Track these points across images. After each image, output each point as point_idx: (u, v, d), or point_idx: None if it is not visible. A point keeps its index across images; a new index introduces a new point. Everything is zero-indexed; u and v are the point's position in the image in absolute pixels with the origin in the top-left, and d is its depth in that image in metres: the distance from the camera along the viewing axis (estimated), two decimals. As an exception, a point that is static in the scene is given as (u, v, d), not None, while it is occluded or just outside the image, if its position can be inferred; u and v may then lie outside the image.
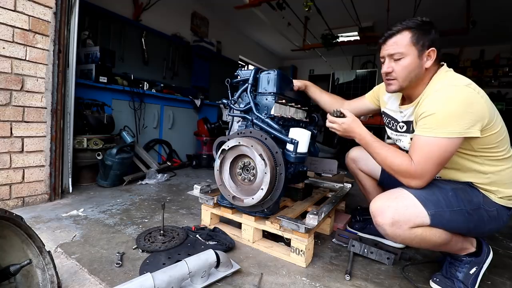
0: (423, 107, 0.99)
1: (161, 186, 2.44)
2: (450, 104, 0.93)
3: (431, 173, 0.97)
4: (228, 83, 1.48)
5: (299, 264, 1.21)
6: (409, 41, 1.01)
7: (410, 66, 1.03)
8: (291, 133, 1.29)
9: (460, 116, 0.91)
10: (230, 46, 5.53)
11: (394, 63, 1.05)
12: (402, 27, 1.03)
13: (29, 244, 0.84)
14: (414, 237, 0.97)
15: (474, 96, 0.94)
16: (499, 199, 1.02)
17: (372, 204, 1.03)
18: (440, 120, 0.93)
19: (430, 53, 1.02)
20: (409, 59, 1.02)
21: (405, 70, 1.04)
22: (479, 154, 1.00)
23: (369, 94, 1.49)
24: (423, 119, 0.98)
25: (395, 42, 1.04)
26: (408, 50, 1.02)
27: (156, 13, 3.78)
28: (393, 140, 1.29)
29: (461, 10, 3.90)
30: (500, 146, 1.00)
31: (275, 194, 1.29)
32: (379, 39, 1.11)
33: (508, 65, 5.61)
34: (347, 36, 5.27)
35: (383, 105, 1.36)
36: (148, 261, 1.14)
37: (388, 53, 1.06)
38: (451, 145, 0.93)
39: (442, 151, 0.93)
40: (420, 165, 0.96)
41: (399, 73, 1.05)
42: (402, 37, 1.02)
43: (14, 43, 1.58)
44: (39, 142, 1.74)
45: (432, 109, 0.95)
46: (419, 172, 0.97)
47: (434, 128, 0.94)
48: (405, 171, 0.99)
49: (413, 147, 1.00)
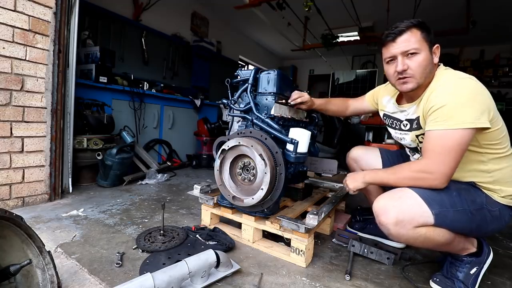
0: (431, 101, 0.99)
1: (161, 186, 2.44)
2: (458, 95, 0.93)
3: (450, 168, 0.94)
4: (228, 83, 1.48)
5: (299, 264, 1.21)
6: (420, 37, 1.01)
7: (425, 61, 1.02)
8: (291, 133, 1.29)
9: (470, 106, 0.92)
10: (230, 46, 5.53)
11: (408, 60, 1.03)
12: (410, 25, 1.02)
13: (29, 244, 0.84)
14: (418, 236, 0.97)
15: (479, 87, 0.95)
16: (502, 198, 1.02)
17: (376, 203, 1.02)
18: (451, 111, 0.92)
19: (435, 50, 1.05)
20: (423, 54, 1.01)
21: (421, 66, 1.02)
22: (484, 151, 1.01)
23: (368, 94, 1.50)
24: (434, 113, 0.97)
25: (407, 39, 1.02)
26: (421, 46, 1.01)
27: (156, 13, 3.78)
28: (396, 139, 1.28)
29: (461, 10, 3.90)
30: (503, 143, 1.00)
31: (275, 194, 1.29)
32: (383, 39, 1.08)
33: (508, 65, 5.62)
34: (347, 36, 5.27)
35: (382, 108, 1.36)
36: (148, 261, 1.14)
37: (402, 50, 1.03)
38: (464, 136, 0.92)
39: (457, 143, 0.92)
40: (436, 159, 0.95)
41: (415, 70, 1.02)
42: (413, 33, 1.01)
43: (14, 43, 1.58)
44: (39, 142, 1.74)
45: (441, 102, 0.95)
46: (435, 167, 0.95)
47: (446, 120, 0.93)
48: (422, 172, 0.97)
49: (427, 143, 0.99)
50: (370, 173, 1.15)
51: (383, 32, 1.10)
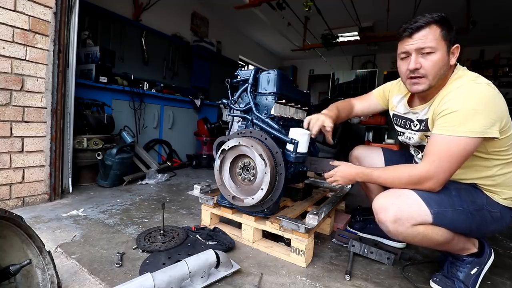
0: (443, 104, 0.95)
1: (161, 186, 2.44)
2: (472, 102, 0.89)
3: (447, 173, 0.94)
4: (228, 83, 1.48)
5: (299, 264, 1.21)
6: (439, 35, 0.95)
7: (441, 62, 0.96)
8: (291, 133, 1.29)
9: (482, 114, 0.88)
10: (230, 46, 5.53)
11: (422, 58, 0.97)
12: (430, 20, 0.96)
13: (29, 244, 0.84)
14: (416, 234, 0.97)
15: (495, 95, 0.91)
16: (503, 200, 1.02)
17: (375, 201, 1.03)
18: (462, 118, 0.89)
19: (454, 50, 0.99)
20: (439, 54, 0.96)
21: (436, 66, 0.96)
22: (490, 157, 0.99)
23: (377, 91, 1.42)
24: (444, 117, 0.94)
25: (424, 36, 0.95)
26: (438, 45, 0.95)
27: (156, 13, 3.78)
28: (405, 138, 1.24)
29: (461, 10, 3.90)
30: (510, 150, 0.98)
31: (275, 194, 1.29)
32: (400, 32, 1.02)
33: (508, 65, 5.61)
34: (347, 36, 5.27)
35: (392, 107, 1.31)
36: (148, 261, 1.14)
37: (417, 47, 0.97)
38: (470, 144, 0.90)
39: (461, 150, 0.90)
40: (437, 165, 0.93)
41: (429, 70, 0.97)
42: (432, 30, 0.95)
43: (14, 43, 1.58)
44: (39, 142, 1.74)
45: (454, 107, 0.91)
46: (433, 171, 0.94)
47: (455, 126, 0.90)
48: (422, 178, 0.96)
49: (430, 146, 0.97)
50: (365, 173, 1.12)
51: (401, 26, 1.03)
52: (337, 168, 1.20)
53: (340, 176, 1.18)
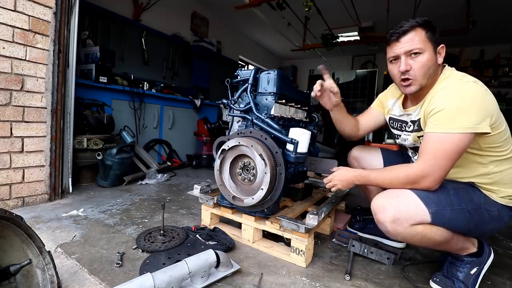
0: (432, 104, 0.98)
1: (161, 186, 2.44)
2: (460, 99, 0.93)
3: (443, 170, 0.95)
4: (228, 83, 1.48)
5: (299, 264, 1.21)
6: (425, 37, 1.00)
7: (429, 62, 1.01)
8: (291, 133, 1.29)
9: (470, 110, 0.91)
10: (230, 46, 5.52)
11: (411, 60, 1.02)
12: (415, 24, 1.01)
13: (29, 244, 0.84)
14: (415, 234, 0.97)
15: (482, 91, 0.94)
16: (501, 199, 1.02)
17: (374, 202, 1.03)
18: (451, 115, 0.92)
19: (440, 50, 1.04)
20: (427, 55, 1.00)
21: (424, 67, 1.01)
22: (485, 154, 1.00)
23: (375, 103, 1.46)
24: (434, 116, 0.97)
25: (411, 39, 1.01)
26: (425, 46, 1.00)
27: (156, 13, 3.78)
28: (401, 141, 1.26)
29: (461, 10, 3.90)
30: (504, 146, 1.00)
31: (275, 194, 1.29)
32: (387, 38, 1.07)
33: (508, 65, 5.61)
34: (347, 36, 5.27)
35: (388, 111, 1.35)
36: (148, 261, 1.14)
37: (405, 50, 1.02)
38: (463, 140, 0.92)
39: (454, 146, 0.92)
40: (432, 163, 0.95)
41: (417, 71, 1.02)
42: (417, 33, 1.00)
43: (14, 43, 1.58)
44: (39, 142, 1.74)
45: (442, 105, 0.94)
46: (429, 169, 0.95)
47: (446, 123, 0.93)
48: (418, 177, 0.97)
49: (424, 145, 0.99)
50: (362, 175, 1.14)
51: (388, 32, 1.08)
52: (335, 172, 1.21)
53: (338, 180, 1.19)
